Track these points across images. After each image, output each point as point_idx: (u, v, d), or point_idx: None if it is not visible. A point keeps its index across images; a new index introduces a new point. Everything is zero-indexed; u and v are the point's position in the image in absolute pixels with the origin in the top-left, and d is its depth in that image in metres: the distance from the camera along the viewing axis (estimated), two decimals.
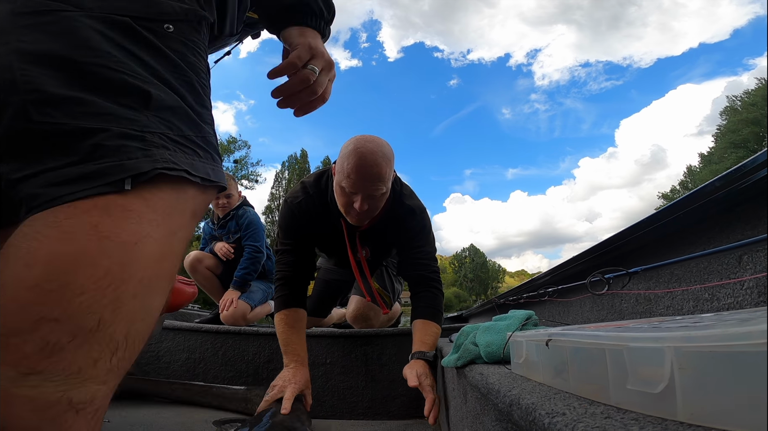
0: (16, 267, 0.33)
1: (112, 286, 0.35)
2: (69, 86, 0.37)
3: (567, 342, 0.40)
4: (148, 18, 0.45)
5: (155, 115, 0.41)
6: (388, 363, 1.44)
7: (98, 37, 0.41)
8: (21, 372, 0.32)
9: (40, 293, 0.32)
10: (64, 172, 0.35)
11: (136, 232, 0.37)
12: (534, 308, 1.82)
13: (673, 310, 0.87)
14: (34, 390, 0.32)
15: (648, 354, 0.28)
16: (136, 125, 0.39)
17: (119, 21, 0.42)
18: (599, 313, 1.28)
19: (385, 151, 1.15)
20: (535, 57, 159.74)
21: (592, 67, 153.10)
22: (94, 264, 0.34)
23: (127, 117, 0.39)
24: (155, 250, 0.38)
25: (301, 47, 0.60)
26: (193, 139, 0.45)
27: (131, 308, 0.36)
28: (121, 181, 0.36)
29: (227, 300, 2.06)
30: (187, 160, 0.43)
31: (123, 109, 0.39)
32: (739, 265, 0.69)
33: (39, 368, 0.32)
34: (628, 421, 0.27)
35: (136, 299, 0.37)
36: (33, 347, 0.32)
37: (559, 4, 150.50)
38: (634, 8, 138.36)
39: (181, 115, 0.44)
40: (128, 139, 0.38)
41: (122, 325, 0.36)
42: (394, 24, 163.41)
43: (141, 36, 0.43)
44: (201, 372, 1.58)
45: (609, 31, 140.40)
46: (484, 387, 0.52)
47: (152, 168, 0.38)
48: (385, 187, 1.17)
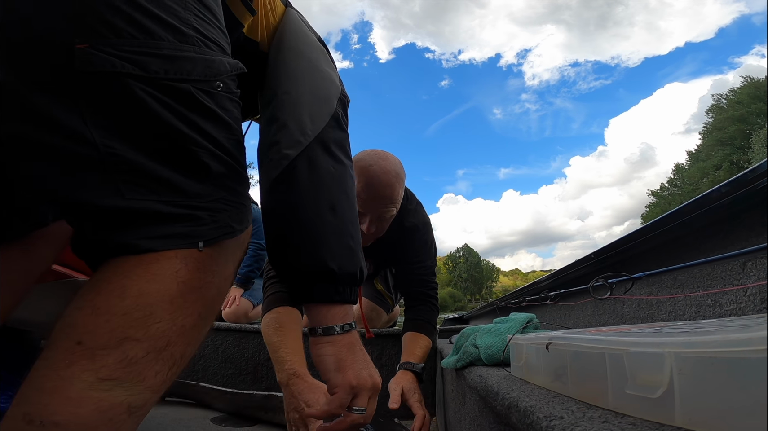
0: (110, 298, 0.40)
1: (180, 318, 0.43)
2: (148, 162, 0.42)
3: (567, 345, 0.40)
4: (205, 80, 0.46)
5: (214, 183, 0.47)
6: (388, 363, 1.44)
7: (162, 109, 0.42)
8: (100, 377, 0.39)
9: (129, 319, 0.40)
10: (155, 230, 0.43)
11: (202, 280, 0.45)
12: (535, 311, 1.81)
13: (675, 316, 0.87)
14: (105, 393, 0.39)
15: (648, 359, 0.28)
16: (203, 197, 0.46)
17: (181, 89, 0.43)
18: (601, 318, 1.27)
19: (398, 171, 1.09)
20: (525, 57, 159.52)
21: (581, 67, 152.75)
22: (171, 302, 0.42)
23: (195, 191, 0.45)
24: (213, 293, 0.48)
25: (341, 390, 0.58)
26: (240, 192, 0.51)
27: (190, 335, 0.45)
28: (196, 243, 0.45)
29: (230, 298, 2.07)
30: (238, 215, 0.50)
31: (192, 182, 0.45)
32: (743, 272, 0.69)
33: (115, 376, 0.39)
34: (625, 426, 0.27)
35: (195, 329, 0.45)
36: (114, 359, 0.39)
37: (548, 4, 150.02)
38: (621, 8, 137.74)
39: (233, 176, 0.50)
40: (199, 210, 0.46)
41: (181, 347, 0.44)
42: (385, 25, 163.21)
43: (200, 103, 0.45)
44: (200, 368, 1.58)
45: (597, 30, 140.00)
46: (483, 389, 0.52)
47: (218, 235, 0.47)
48: (395, 208, 1.11)
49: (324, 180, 0.59)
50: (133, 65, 0.40)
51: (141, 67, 0.40)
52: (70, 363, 0.38)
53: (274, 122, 0.61)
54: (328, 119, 0.63)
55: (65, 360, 0.39)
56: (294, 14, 0.73)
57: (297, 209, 0.57)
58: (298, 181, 0.57)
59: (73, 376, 0.38)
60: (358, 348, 0.62)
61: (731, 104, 29.95)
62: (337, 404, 0.58)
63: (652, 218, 1.02)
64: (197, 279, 0.44)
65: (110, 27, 0.39)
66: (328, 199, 0.58)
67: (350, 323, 0.62)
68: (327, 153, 0.61)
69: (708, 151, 30.99)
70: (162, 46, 0.42)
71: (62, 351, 0.39)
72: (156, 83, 0.41)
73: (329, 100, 0.65)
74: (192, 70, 0.44)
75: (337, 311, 0.60)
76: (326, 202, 0.58)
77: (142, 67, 0.40)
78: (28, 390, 0.39)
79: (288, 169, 0.57)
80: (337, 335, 0.60)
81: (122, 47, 0.40)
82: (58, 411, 0.37)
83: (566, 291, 1.20)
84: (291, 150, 0.58)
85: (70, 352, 0.39)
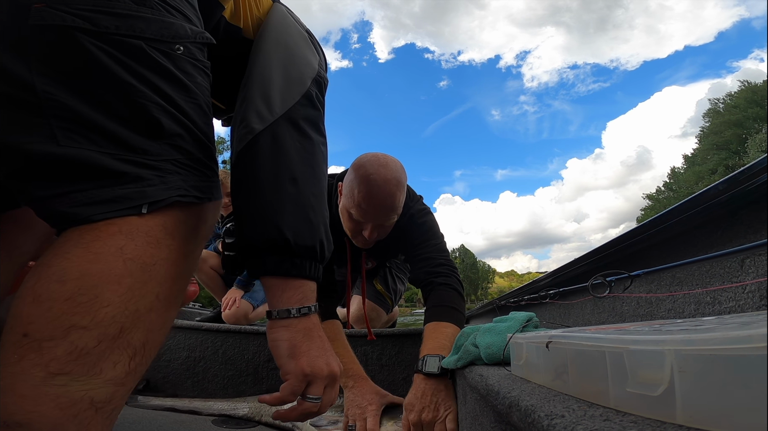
0: (50, 283, 0.37)
1: (133, 300, 0.40)
2: (90, 112, 0.41)
3: (567, 344, 0.40)
4: (161, 40, 0.46)
5: (167, 142, 0.45)
6: (389, 363, 1.43)
7: (112, 62, 0.42)
8: (51, 372, 0.36)
9: (72, 305, 0.37)
10: (90, 194, 0.40)
11: (155, 255, 0.42)
12: (535, 310, 1.81)
13: (674, 313, 0.87)
14: (60, 389, 0.36)
15: (648, 357, 0.28)
16: (152, 154, 0.43)
17: (132, 45, 0.44)
18: (600, 316, 1.28)
19: (399, 177, 1.05)
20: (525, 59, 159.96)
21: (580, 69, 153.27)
22: (118, 282, 0.39)
23: (143, 147, 0.43)
24: (170, 271, 0.43)
25: (293, 377, 0.55)
26: (200, 158, 0.49)
27: (148, 319, 0.41)
28: (140, 206, 0.41)
29: (230, 299, 2.06)
30: (196, 182, 0.47)
31: (140, 137, 0.43)
32: (742, 269, 0.69)
33: (67, 369, 0.36)
34: (627, 424, 0.27)
35: (153, 312, 0.42)
36: (63, 350, 0.36)
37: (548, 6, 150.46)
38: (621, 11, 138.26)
39: (191, 138, 0.47)
40: (145, 167, 0.43)
41: (140, 334, 0.41)
42: (385, 25, 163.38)
43: (154, 60, 0.45)
44: (201, 370, 1.58)
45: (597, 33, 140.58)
46: (484, 389, 0.52)
47: (168, 197, 0.43)
48: (397, 215, 1.08)
49: (287, 153, 0.58)
50: (83, 20, 0.41)
51: (91, 22, 0.42)
52: (20, 357, 0.36)
53: (244, 100, 0.61)
54: (299, 98, 0.62)
55: (14, 355, 0.36)
56: (280, 8, 0.74)
57: (256, 180, 0.56)
58: (260, 153, 0.57)
59: (23, 372, 0.36)
60: (316, 333, 0.58)
61: (728, 108, 30.09)
62: (289, 391, 0.55)
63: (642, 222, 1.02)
64: (148, 255, 0.41)
65: None
66: (290, 171, 0.57)
67: (309, 306, 0.58)
68: (295, 128, 0.60)
69: (704, 155, 31.12)
70: (116, 6, 0.43)
71: (10, 346, 0.36)
72: (105, 37, 0.42)
73: (302, 80, 0.65)
74: (145, 29, 0.45)
75: (295, 291, 0.57)
76: (287, 174, 0.57)
77: (92, 23, 0.42)
78: None
79: (251, 143, 0.57)
80: (294, 318, 0.56)
81: (76, 5, 0.41)
82: (16, 410, 0.35)
83: (565, 290, 1.20)
84: (257, 125, 0.58)
85: (17, 346, 0.36)
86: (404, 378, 1.39)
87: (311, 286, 0.59)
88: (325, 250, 0.60)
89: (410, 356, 1.26)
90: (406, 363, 1.38)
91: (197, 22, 0.53)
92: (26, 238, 0.58)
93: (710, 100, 32.53)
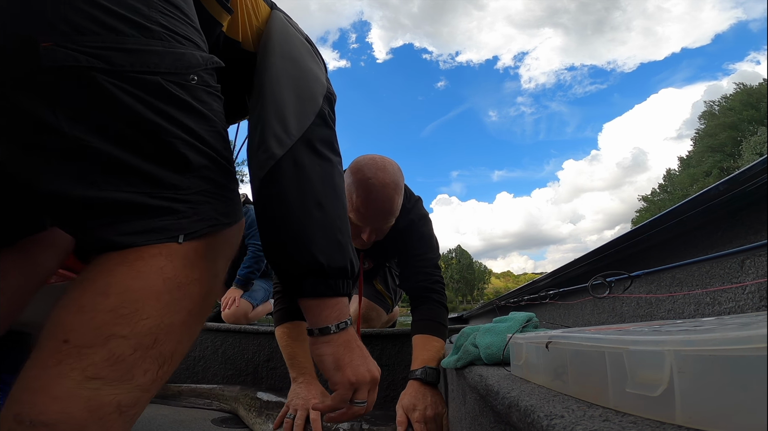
0: (94, 296, 0.41)
1: (168, 315, 0.43)
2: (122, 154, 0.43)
3: (567, 344, 0.40)
4: (176, 72, 0.46)
5: (195, 174, 0.47)
6: (388, 364, 1.44)
7: (133, 101, 0.43)
8: (87, 376, 0.39)
9: (114, 316, 0.40)
10: (133, 225, 0.43)
11: (189, 275, 0.46)
12: (535, 310, 1.81)
13: (674, 314, 0.87)
14: (93, 392, 0.39)
15: (647, 358, 0.28)
16: (183, 189, 0.46)
17: (150, 81, 0.44)
18: (600, 316, 1.28)
19: (397, 180, 1.06)
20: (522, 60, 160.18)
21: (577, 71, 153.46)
22: (157, 298, 0.43)
23: (174, 183, 0.46)
24: (201, 289, 0.47)
25: (341, 387, 0.62)
26: (225, 184, 0.51)
27: (180, 332, 0.45)
28: (176, 237, 0.45)
29: (229, 299, 2.06)
30: (223, 208, 0.51)
31: (171, 173, 0.45)
32: (742, 270, 0.69)
33: (102, 374, 0.39)
34: (626, 424, 0.27)
35: (184, 326, 0.45)
36: (101, 357, 0.39)
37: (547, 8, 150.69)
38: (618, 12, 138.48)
39: (215, 167, 0.50)
40: (179, 202, 0.46)
41: (171, 345, 0.44)
42: (383, 25, 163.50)
43: (172, 94, 0.46)
44: (200, 370, 1.58)
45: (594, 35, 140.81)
46: (483, 389, 0.52)
47: (200, 228, 0.47)
48: (395, 217, 1.10)
49: (310, 178, 0.60)
50: (97, 59, 0.41)
51: (105, 61, 0.41)
52: (58, 361, 0.39)
53: (259, 123, 0.62)
54: (314, 117, 0.64)
55: (52, 359, 0.39)
56: (279, 16, 0.74)
57: (284, 207, 0.58)
58: (284, 180, 0.58)
59: (60, 375, 0.38)
60: (355, 344, 0.64)
61: (723, 111, 30.07)
62: (339, 400, 0.63)
63: (640, 223, 1.02)
64: (183, 276, 0.45)
65: (72, 25, 0.41)
66: (314, 196, 0.59)
67: (345, 321, 0.63)
68: (313, 151, 0.62)
69: (699, 157, 31.09)
70: (126, 41, 0.43)
71: (49, 351, 0.39)
72: (122, 75, 0.42)
73: (314, 98, 0.66)
74: (159, 63, 0.45)
75: (332, 309, 0.62)
76: (312, 199, 0.59)
77: (107, 61, 0.41)
78: (18, 390, 0.39)
79: (274, 169, 0.58)
80: (333, 334, 0.62)
81: (85, 43, 0.41)
82: (45, 410, 0.37)
83: (565, 290, 1.20)
84: (277, 150, 0.59)
85: (57, 351, 0.39)
86: (404, 378, 1.39)
87: (345, 302, 0.64)
88: (354, 268, 0.64)
89: (410, 356, 1.26)
90: (406, 363, 1.37)
91: (204, 46, 0.53)
92: (48, 256, 0.61)
93: (706, 102, 32.58)
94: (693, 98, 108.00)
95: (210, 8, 0.62)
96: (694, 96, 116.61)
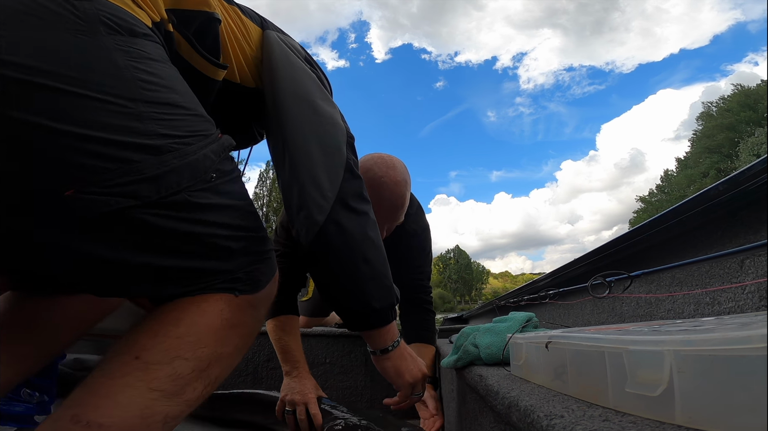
0: (167, 325, 0.48)
1: (221, 346, 0.51)
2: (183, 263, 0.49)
3: (567, 344, 0.40)
4: (197, 180, 0.48)
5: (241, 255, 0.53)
6: None
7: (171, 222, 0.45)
8: (150, 387, 0.44)
9: (181, 342, 0.47)
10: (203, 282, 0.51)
11: (241, 319, 0.53)
12: (534, 310, 1.81)
13: (674, 314, 0.87)
14: (150, 401, 0.44)
15: (647, 358, 0.28)
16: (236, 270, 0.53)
17: (178, 201, 0.46)
18: (600, 316, 1.28)
19: (406, 178, 1.11)
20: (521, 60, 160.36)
21: (576, 72, 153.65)
22: (215, 334, 0.50)
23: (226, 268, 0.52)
24: (248, 331, 0.56)
25: (404, 388, 0.83)
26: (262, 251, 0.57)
27: (226, 362, 0.52)
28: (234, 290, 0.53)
29: None
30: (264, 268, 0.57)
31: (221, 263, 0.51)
32: (741, 270, 0.69)
33: (163, 388, 0.45)
34: (626, 424, 0.27)
35: (231, 357, 0.53)
36: (165, 373, 0.45)
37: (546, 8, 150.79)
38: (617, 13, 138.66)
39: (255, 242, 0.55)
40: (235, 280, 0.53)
41: (217, 370, 0.51)
42: (382, 25, 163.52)
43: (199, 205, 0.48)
44: None
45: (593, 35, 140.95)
46: (483, 389, 0.52)
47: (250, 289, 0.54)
48: (404, 214, 1.15)
49: (353, 237, 0.69)
50: (125, 198, 0.41)
51: (133, 197, 0.42)
52: (125, 373, 0.44)
53: (294, 184, 0.68)
54: (343, 173, 0.70)
55: (121, 371, 0.44)
56: (273, 37, 0.72)
57: (337, 266, 0.69)
58: (331, 242, 0.68)
59: (126, 385, 0.43)
60: (407, 353, 0.84)
61: (721, 112, 30.06)
62: (404, 397, 0.85)
63: (639, 224, 1.02)
64: (237, 319, 0.53)
65: (86, 168, 0.40)
66: (361, 253, 0.70)
67: (397, 340, 0.80)
68: (350, 211, 0.70)
69: (696, 158, 31.08)
70: (143, 169, 0.43)
71: (120, 364, 0.45)
72: (152, 205, 0.44)
73: (339, 149, 0.72)
74: (180, 181, 0.46)
75: (386, 334, 0.78)
76: (359, 256, 0.70)
77: (134, 196, 0.42)
78: (82, 394, 0.43)
79: (319, 235, 0.67)
80: (391, 352, 0.80)
81: (105, 184, 0.41)
82: (107, 413, 0.42)
83: (565, 290, 1.20)
84: (319, 216, 0.67)
85: (127, 365, 0.45)
86: None
87: (394, 326, 0.80)
88: (398, 298, 0.79)
89: None
90: None
91: (211, 127, 0.53)
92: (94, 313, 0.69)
93: (704, 104, 32.59)
94: (691, 99, 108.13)
95: (204, 70, 0.62)
96: (692, 97, 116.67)
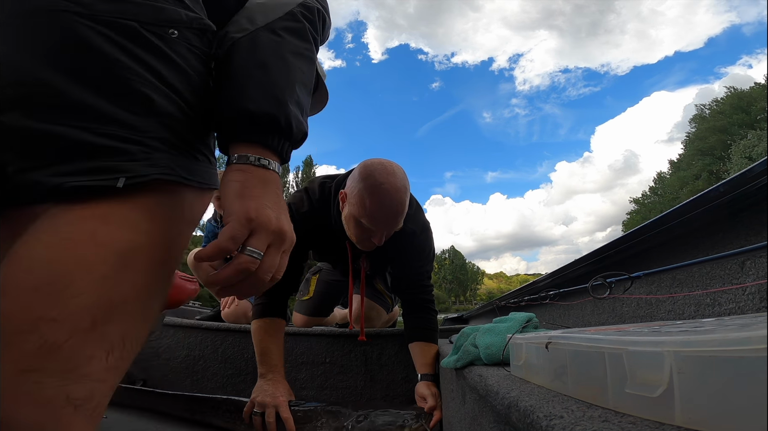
0: (18, 272, 0.35)
1: (106, 290, 0.37)
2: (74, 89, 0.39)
3: (567, 345, 0.40)
4: (155, 23, 0.45)
5: (157, 120, 0.43)
6: (388, 363, 1.44)
7: (103, 41, 0.41)
8: (21, 369, 0.34)
9: (39, 295, 0.34)
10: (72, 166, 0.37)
11: (132, 240, 0.39)
12: (535, 311, 1.81)
13: (674, 315, 0.87)
14: (34, 386, 0.34)
15: (647, 358, 0.28)
16: (139, 130, 0.41)
17: (125, 25, 0.42)
18: (600, 317, 1.28)
19: (405, 184, 1.11)
20: (517, 62, 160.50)
21: (571, 73, 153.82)
22: (90, 270, 0.36)
23: (129, 122, 0.40)
24: (149, 258, 0.41)
25: (235, 220, 0.45)
26: (192, 142, 0.47)
27: (125, 311, 0.39)
28: (115, 179, 0.38)
29: (229, 298, 2.06)
30: (186, 163, 0.45)
31: (126, 113, 0.40)
32: (742, 271, 0.69)
33: (37, 365, 0.34)
34: (625, 425, 0.27)
35: (130, 303, 0.39)
36: (32, 345, 0.34)
37: (542, 10, 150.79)
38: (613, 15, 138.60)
39: (184, 119, 0.45)
40: (130, 142, 0.40)
41: (117, 326, 0.38)
42: (379, 25, 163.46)
43: (147, 40, 0.43)
44: (200, 369, 1.58)
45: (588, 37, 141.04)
46: (483, 389, 0.52)
47: (148, 173, 0.40)
48: (403, 219, 1.15)
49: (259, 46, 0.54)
50: (74, 3, 0.40)
51: (83, 6, 0.40)
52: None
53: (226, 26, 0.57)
54: (282, 14, 0.58)
55: None
56: None
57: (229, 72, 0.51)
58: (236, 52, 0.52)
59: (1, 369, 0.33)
60: (274, 189, 0.51)
61: (714, 114, 30.09)
62: (228, 235, 0.44)
63: (633, 225, 1.03)
64: (124, 241, 0.38)
65: None
66: (260, 59, 0.53)
67: (269, 160, 0.50)
68: (273, 33, 0.56)
69: (689, 161, 31.08)
70: None
71: None
72: (98, 18, 0.41)
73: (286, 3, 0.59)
74: (138, 13, 0.43)
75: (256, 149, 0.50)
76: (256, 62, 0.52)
77: (84, 6, 0.40)
78: None
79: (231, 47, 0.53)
80: (251, 165, 0.49)
81: None
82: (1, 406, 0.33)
83: (565, 291, 1.20)
84: (237, 34, 0.54)
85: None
86: (404, 378, 1.40)
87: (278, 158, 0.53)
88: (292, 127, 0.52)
89: (409, 356, 1.27)
90: (405, 362, 1.38)
91: (198, 9, 0.51)
92: None
93: (697, 106, 32.69)
94: (685, 101, 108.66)
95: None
96: (685, 99, 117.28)
